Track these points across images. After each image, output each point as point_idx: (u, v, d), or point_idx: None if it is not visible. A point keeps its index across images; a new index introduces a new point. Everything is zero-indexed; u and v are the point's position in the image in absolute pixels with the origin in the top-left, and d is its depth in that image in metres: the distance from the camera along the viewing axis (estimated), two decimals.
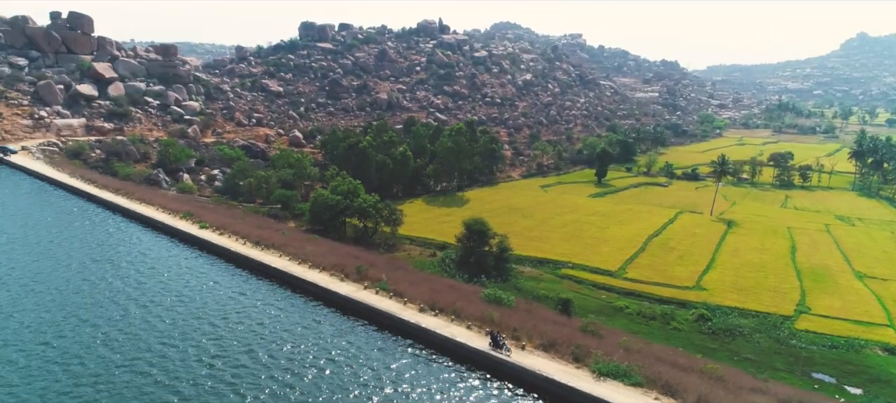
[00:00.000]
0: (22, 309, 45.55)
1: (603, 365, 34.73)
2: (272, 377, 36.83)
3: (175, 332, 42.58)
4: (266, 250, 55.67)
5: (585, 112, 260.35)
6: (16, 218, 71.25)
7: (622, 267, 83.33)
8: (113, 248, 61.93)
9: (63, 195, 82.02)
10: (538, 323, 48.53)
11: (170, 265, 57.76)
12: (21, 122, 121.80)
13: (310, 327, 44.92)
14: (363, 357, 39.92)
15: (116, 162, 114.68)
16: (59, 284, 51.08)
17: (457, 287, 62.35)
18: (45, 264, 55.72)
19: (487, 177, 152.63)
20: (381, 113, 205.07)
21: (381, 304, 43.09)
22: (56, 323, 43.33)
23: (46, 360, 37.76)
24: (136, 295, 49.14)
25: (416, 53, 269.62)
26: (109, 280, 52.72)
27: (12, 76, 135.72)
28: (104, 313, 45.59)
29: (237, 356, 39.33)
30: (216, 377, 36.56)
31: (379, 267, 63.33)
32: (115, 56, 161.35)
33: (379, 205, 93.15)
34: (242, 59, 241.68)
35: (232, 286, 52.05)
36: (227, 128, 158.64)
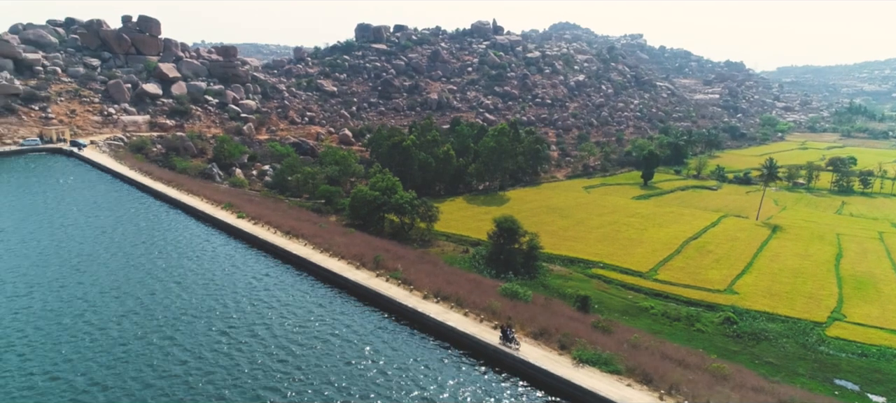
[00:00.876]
0: (69, 282, 50.86)
1: (584, 353, 35.95)
2: (269, 351, 40.27)
3: (194, 306, 47.18)
4: (293, 239, 59.16)
5: (639, 113, 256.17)
6: (77, 204, 78.04)
7: (653, 269, 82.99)
8: (158, 233, 67.33)
9: (120, 185, 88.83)
10: (549, 317, 49.92)
11: (204, 249, 62.58)
12: (92, 119, 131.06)
13: (318, 308, 48.21)
14: (359, 335, 42.89)
15: (175, 156, 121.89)
16: (104, 262, 56.55)
17: (478, 280, 64.29)
18: (95, 246, 61.38)
19: (531, 177, 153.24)
20: (430, 113, 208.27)
21: (389, 291, 45.57)
22: (92, 295, 48.54)
23: (85, 322, 42.23)
24: (166, 275, 54.00)
25: (469, 54, 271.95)
26: (147, 259, 57.90)
27: (86, 76, 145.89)
28: (135, 288, 50.59)
29: (248, 328, 43.43)
30: (222, 346, 40.67)
31: (407, 260, 65.94)
32: (180, 57, 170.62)
33: (415, 202, 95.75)
34: (300, 60, 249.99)
35: (255, 269, 56.10)
36: (281, 126, 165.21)
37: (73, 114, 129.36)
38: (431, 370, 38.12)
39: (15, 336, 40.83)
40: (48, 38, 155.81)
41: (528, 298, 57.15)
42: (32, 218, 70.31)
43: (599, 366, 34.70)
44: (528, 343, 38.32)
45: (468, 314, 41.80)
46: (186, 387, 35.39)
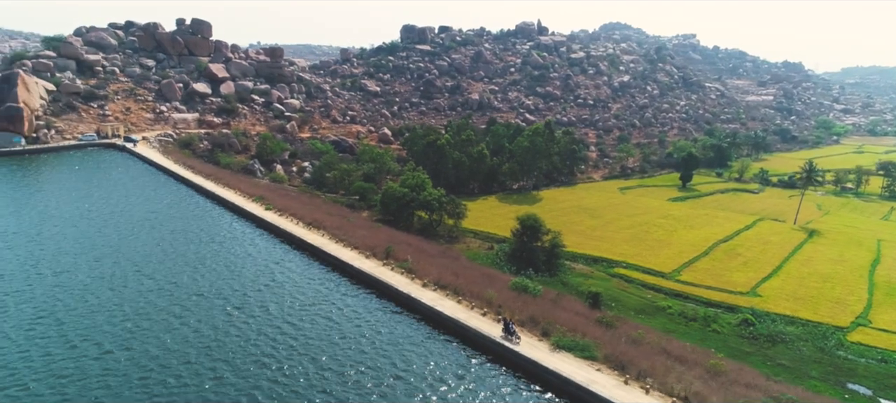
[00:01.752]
0: (106, 261, 56.08)
1: (562, 340, 37.38)
2: (267, 326, 43.99)
3: (210, 285, 51.58)
4: (313, 230, 62.46)
5: (684, 115, 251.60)
6: (123, 194, 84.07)
7: (677, 270, 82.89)
8: (191, 221, 72.46)
9: (164, 178, 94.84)
10: (555, 311, 51.22)
11: (228, 236, 67.19)
12: (145, 116, 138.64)
13: (322, 291, 51.70)
14: (351, 317, 46.14)
15: (220, 152, 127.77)
16: (138, 245, 61.78)
17: (492, 275, 65.98)
18: (133, 231, 66.87)
19: (567, 177, 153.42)
20: (471, 113, 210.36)
21: (389, 278, 48.14)
22: (125, 273, 53.57)
23: (115, 294, 46.30)
24: (191, 258, 58.71)
25: (512, 55, 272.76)
26: (176, 243, 62.84)
27: (142, 75, 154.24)
28: (162, 268, 55.51)
29: (255, 306, 47.50)
30: (230, 320, 44.99)
31: (427, 254, 68.41)
32: (229, 58, 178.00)
33: (443, 199, 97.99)
34: (346, 61, 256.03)
35: (271, 256, 60.29)
36: (323, 125, 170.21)
37: (128, 112, 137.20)
38: (410, 347, 41.11)
39: (55, 305, 45.70)
40: (108, 41, 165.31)
41: (538, 293, 58.52)
42: (82, 205, 76.54)
43: (575, 352, 36.12)
44: (520, 331, 40.06)
45: (461, 302, 43.83)
46: (195, 351, 39.50)
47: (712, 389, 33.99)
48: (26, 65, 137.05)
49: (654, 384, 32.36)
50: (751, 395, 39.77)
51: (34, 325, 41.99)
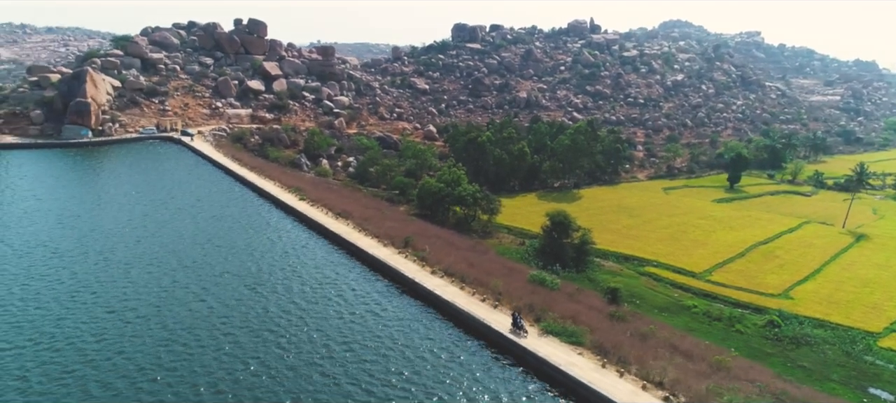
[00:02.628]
0: (147, 241, 61.58)
1: (551, 326, 38.77)
2: (280, 303, 47.61)
3: (234, 266, 55.98)
4: (340, 219, 65.73)
5: (740, 115, 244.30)
6: (173, 182, 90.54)
7: (708, 270, 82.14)
8: (228, 208, 77.79)
9: (212, 169, 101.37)
10: (566, 303, 52.51)
11: (260, 223, 71.77)
12: (201, 111, 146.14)
13: (335, 274, 55.13)
14: (364, 295, 49.23)
15: (269, 146, 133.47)
16: (178, 229, 67.44)
17: (513, 268, 67.64)
18: (175, 216, 72.75)
19: (610, 176, 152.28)
20: (518, 111, 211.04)
21: (400, 265, 50.82)
22: (158, 253, 58.92)
23: (148, 273, 50.59)
24: (221, 241, 63.48)
25: (563, 53, 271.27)
26: (210, 228, 68.15)
27: (200, 73, 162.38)
28: (193, 250, 60.41)
29: (271, 285, 51.28)
30: (245, 297, 49.22)
31: (456, 247, 70.64)
32: (282, 56, 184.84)
33: (477, 195, 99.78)
34: (397, 59, 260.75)
35: (295, 241, 64.59)
36: (371, 122, 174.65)
37: (186, 107, 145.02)
38: (409, 325, 43.97)
39: (91, 279, 50.73)
40: (171, 40, 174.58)
41: (555, 286, 59.87)
42: (133, 192, 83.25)
43: (562, 337, 37.47)
44: (505, 313, 41.68)
45: (464, 289, 45.80)
46: (215, 319, 44.16)
47: (694, 378, 34.73)
48: (96, 63, 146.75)
49: (632, 369, 33.44)
50: (750, 390, 40.18)
51: (77, 292, 47.37)
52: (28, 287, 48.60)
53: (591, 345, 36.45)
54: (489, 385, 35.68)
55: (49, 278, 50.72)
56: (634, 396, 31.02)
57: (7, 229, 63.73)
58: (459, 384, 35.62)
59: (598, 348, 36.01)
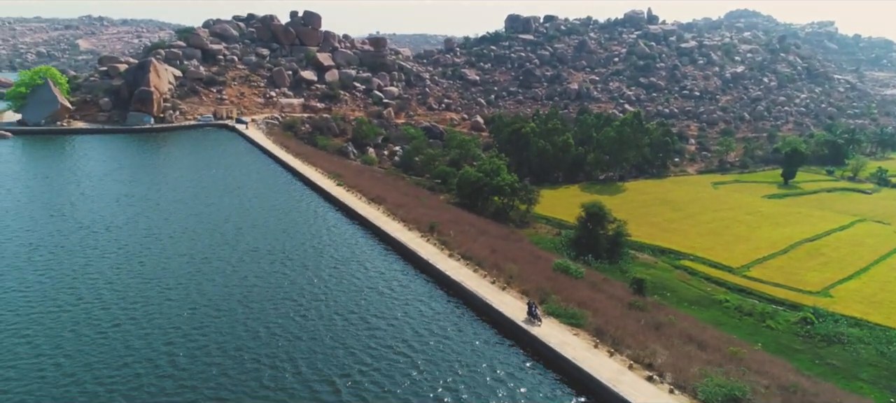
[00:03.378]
0: (187, 221, 66.00)
1: (552, 307, 39.78)
2: (302, 279, 50.67)
3: (265, 244, 59.45)
4: (372, 204, 68.45)
5: (803, 108, 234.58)
6: (221, 167, 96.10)
7: (746, 266, 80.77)
8: (268, 191, 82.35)
9: (260, 155, 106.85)
10: (590, 292, 53.32)
11: (296, 206, 75.54)
12: (256, 100, 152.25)
13: (356, 253, 58.22)
14: (378, 275, 52.21)
15: (319, 135, 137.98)
16: (218, 208, 72.46)
17: (540, 256, 68.66)
18: (218, 196, 77.86)
19: (658, 169, 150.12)
20: (568, 102, 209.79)
21: (419, 248, 52.81)
22: (196, 228, 63.39)
23: (185, 247, 54.53)
24: (258, 221, 67.43)
25: (618, 44, 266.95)
26: (248, 209, 72.34)
27: (256, 63, 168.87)
28: (229, 229, 64.18)
29: (296, 262, 54.64)
30: (273, 272, 52.43)
31: (488, 234, 72.33)
32: (335, 47, 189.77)
33: (516, 185, 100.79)
34: (449, 50, 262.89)
35: (326, 223, 68.02)
36: (419, 112, 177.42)
37: (241, 96, 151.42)
38: (415, 301, 46.49)
39: (138, 250, 55.89)
40: (231, 32, 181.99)
41: (579, 275, 60.59)
42: (185, 175, 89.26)
43: (562, 319, 38.49)
44: (513, 295, 43.00)
45: (477, 271, 47.34)
46: (241, 290, 47.56)
47: (686, 361, 35.22)
48: (160, 54, 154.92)
49: (624, 351, 34.26)
50: (754, 379, 40.23)
51: (122, 265, 51.70)
52: (80, 255, 53.69)
53: (590, 328, 37.37)
54: (478, 354, 38.04)
55: (100, 249, 55.66)
56: (619, 374, 31.94)
57: (71, 206, 69.49)
58: (445, 352, 38.21)
59: (597, 330, 36.91)
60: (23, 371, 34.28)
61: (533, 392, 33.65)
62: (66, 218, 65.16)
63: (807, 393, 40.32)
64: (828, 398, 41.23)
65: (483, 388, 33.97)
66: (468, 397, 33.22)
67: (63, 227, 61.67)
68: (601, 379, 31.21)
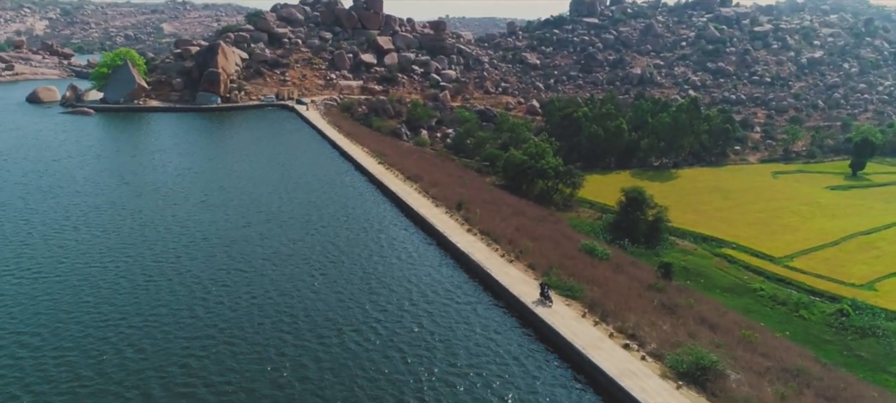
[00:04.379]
0: (232, 191, 72.01)
1: (552, 280, 41.29)
2: (323, 247, 54.72)
3: (300, 215, 64.21)
4: (408, 181, 71.66)
5: (886, 97, 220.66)
6: (274, 142, 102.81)
7: (789, 256, 79.06)
8: (311, 166, 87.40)
9: (313, 134, 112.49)
10: (611, 273, 54.45)
11: (336, 179, 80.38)
12: (317, 82, 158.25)
13: (378, 225, 61.97)
14: (397, 243, 55.78)
15: (374, 116, 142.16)
16: (261, 181, 77.91)
17: (571, 236, 69.98)
18: (263, 170, 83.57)
19: (717, 157, 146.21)
20: (629, 88, 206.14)
21: (438, 222, 55.28)
22: (234, 199, 68.56)
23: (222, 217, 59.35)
24: (296, 193, 72.46)
25: (686, 27, 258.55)
26: (288, 182, 77.48)
27: (319, 46, 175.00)
28: (267, 200, 69.34)
29: (322, 232, 58.87)
30: (298, 240, 56.69)
31: (524, 215, 74.31)
32: (396, 31, 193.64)
33: (560, 169, 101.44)
34: (511, 34, 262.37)
35: (360, 197, 72.31)
36: (475, 95, 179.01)
37: (303, 78, 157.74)
38: (424, 267, 50.03)
39: (189, 217, 61.02)
40: (296, 16, 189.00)
41: (605, 256, 61.64)
42: (239, 151, 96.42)
43: (559, 290, 39.82)
44: (519, 269, 44.79)
45: (490, 245, 49.42)
46: (270, 253, 52.37)
47: (673, 333, 36.11)
48: (230, 37, 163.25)
49: (611, 322, 35.57)
50: (761, 363, 40.82)
51: (174, 226, 57.86)
52: (137, 217, 60.44)
53: (585, 300, 38.70)
54: (463, 312, 41.53)
55: (155, 213, 62.29)
56: (597, 340, 33.36)
57: (134, 175, 76.67)
58: (430, 307, 42.12)
59: (591, 302, 38.25)
60: (106, 295, 42.73)
61: (506, 343, 36.88)
62: (128, 184, 73.03)
63: (811, 378, 40.50)
64: (833, 383, 41.19)
65: (447, 326, 38.51)
66: (431, 327, 38.00)
67: (125, 192, 69.22)
68: (573, 341, 32.93)
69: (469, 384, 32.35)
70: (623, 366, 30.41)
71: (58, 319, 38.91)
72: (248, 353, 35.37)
